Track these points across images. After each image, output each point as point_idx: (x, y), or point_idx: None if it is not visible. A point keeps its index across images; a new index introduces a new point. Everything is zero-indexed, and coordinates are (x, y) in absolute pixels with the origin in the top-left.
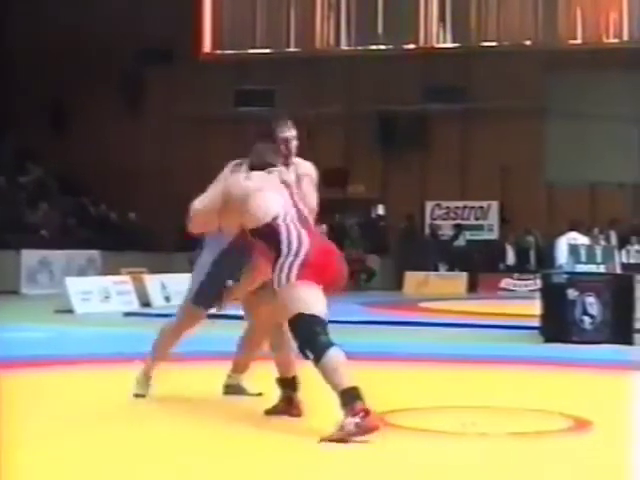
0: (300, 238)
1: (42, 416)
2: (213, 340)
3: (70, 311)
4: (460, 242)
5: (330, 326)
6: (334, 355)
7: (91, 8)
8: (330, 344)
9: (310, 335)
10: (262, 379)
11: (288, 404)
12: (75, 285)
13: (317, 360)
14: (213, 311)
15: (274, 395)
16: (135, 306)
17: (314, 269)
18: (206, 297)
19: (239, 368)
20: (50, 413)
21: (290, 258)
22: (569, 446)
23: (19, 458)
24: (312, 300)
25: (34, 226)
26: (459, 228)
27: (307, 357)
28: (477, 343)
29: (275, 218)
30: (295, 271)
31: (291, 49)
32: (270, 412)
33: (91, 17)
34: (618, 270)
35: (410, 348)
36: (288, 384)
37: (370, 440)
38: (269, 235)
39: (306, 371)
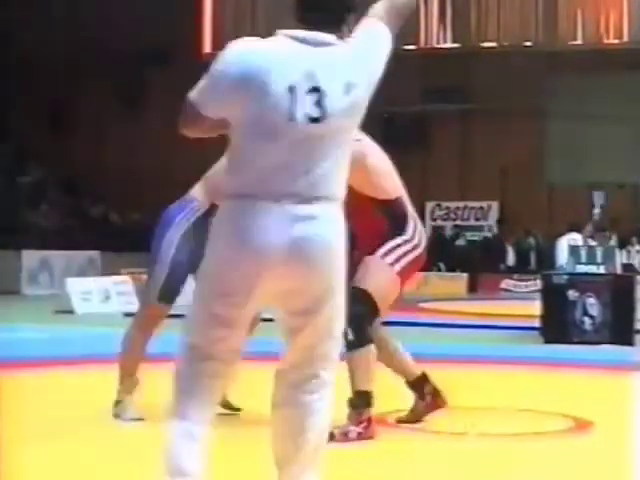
0: (421, 232)
1: (42, 417)
2: None
3: (70, 311)
4: (461, 243)
5: None
6: (370, 353)
7: (91, 9)
8: (371, 340)
9: (364, 319)
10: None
11: (434, 397)
12: (75, 285)
13: (355, 347)
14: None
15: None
16: (135, 306)
17: (412, 271)
18: (174, 291)
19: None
20: (50, 414)
21: (408, 246)
22: (569, 447)
23: (19, 458)
24: (387, 297)
25: (34, 227)
26: (459, 229)
27: (346, 337)
28: (477, 344)
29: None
30: (404, 263)
31: None
32: (415, 417)
33: (92, 18)
34: (619, 271)
35: (410, 348)
36: (422, 381)
37: (371, 440)
38: (396, 212)
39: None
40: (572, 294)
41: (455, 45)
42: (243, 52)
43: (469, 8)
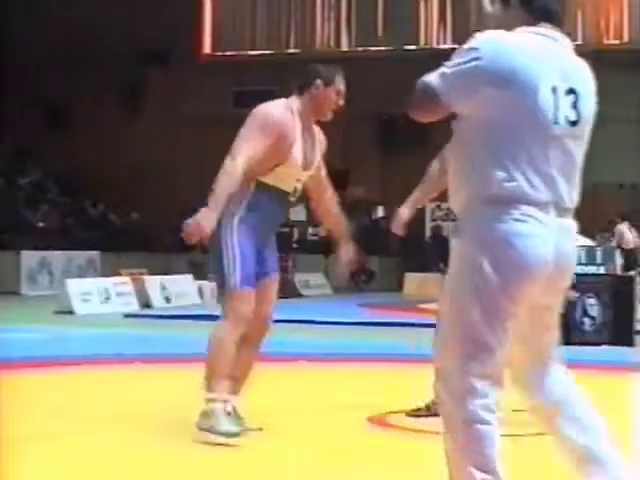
0: None
1: (41, 417)
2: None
3: (70, 312)
4: None
5: (330, 327)
6: None
7: (91, 9)
8: None
9: None
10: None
11: None
12: (75, 286)
13: None
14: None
15: None
16: (135, 307)
17: None
18: (252, 274)
19: None
20: (49, 414)
21: None
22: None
23: (19, 458)
24: None
25: (34, 227)
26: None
27: None
28: None
29: None
30: None
31: (291, 50)
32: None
33: (91, 18)
34: (618, 271)
35: (410, 349)
36: None
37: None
38: None
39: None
40: (572, 295)
41: (455, 46)
42: (504, 47)
43: (469, 9)
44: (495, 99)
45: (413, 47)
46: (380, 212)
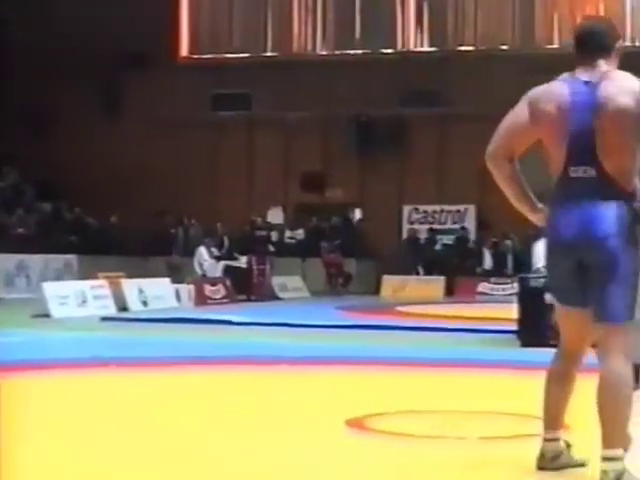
0: None
1: (17, 421)
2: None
3: (47, 315)
4: (438, 246)
5: (307, 330)
6: None
7: (69, 12)
8: None
9: None
10: None
11: None
12: (52, 289)
13: None
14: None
15: None
16: (112, 310)
17: None
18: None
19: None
20: (25, 418)
21: None
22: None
23: None
24: None
25: (11, 230)
26: (436, 232)
27: None
28: (454, 347)
29: None
30: None
31: (268, 53)
32: None
33: (69, 21)
34: None
35: (387, 352)
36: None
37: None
38: None
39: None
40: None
41: (432, 49)
42: None
43: (446, 12)
44: None
45: (390, 50)
46: (357, 214)
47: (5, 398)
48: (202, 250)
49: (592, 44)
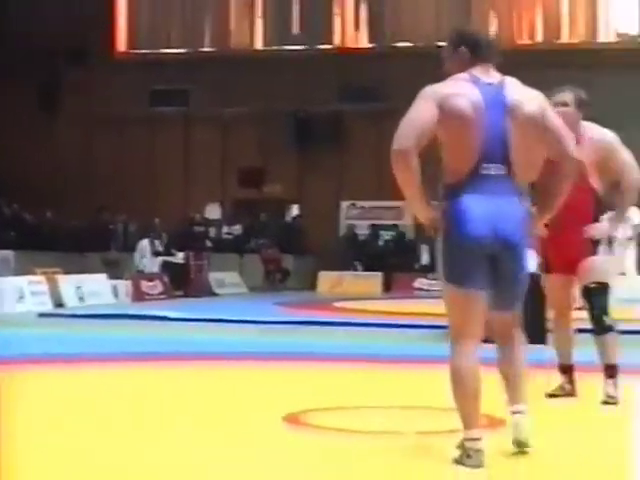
0: None
1: None
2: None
3: None
4: (377, 242)
5: (244, 326)
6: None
7: (5, 9)
8: None
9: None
10: None
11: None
12: None
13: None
14: None
15: None
16: (49, 306)
17: None
18: None
19: None
20: None
21: None
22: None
23: None
24: None
25: None
26: (374, 228)
27: (605, 324)
28: (391, 343)
29: None
30: None
31: (206, 49)
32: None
33: (5, 18)
34: (533, 270)
35: (324, 348)
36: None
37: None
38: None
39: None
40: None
41: (370, 45)
42: None
43: (383, 9)
44: None
45: (328, 46)
46: (295, 210)
47: None
48: (145, 244)
49: (491, 51)
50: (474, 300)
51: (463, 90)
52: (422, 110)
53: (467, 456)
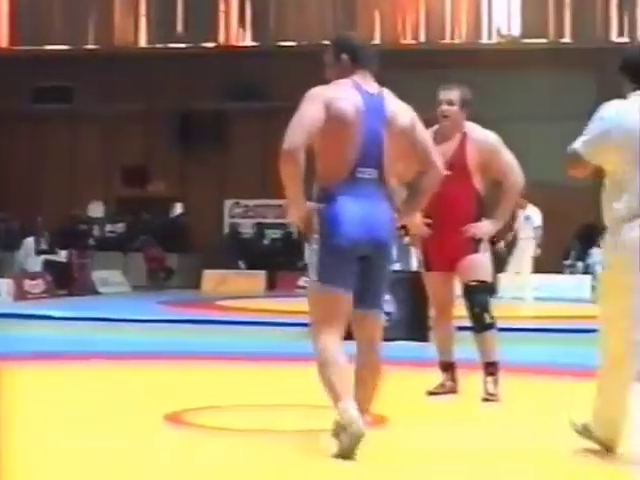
0: None
1: None
2: None
3: None
4: (262, 241)
5: (128, 324)
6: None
7: None
8: None
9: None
10: None
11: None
12: None
13: (492, 327)
14: None
15: None
16: None
17: None
18: None
19: None
20: None
21: None
22: (364, 442)
23: None
24: None
25: None
26: (259, 226)
27: (485, 322)
28: (274, 341)
29: None
30: None
31: (90, 46)
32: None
33: None
34: (414, 268)
35: (207, 346)
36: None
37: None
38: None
39: None
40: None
41: (255, 44)
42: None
43: (268, 7)
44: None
45: (213, 45)
46: (179, 209)
47: None
48: (30, 242)
49: (370, 58)
50: (341, 301)
51: (347, 95)
52: (311, 111)
53: (344, 427)
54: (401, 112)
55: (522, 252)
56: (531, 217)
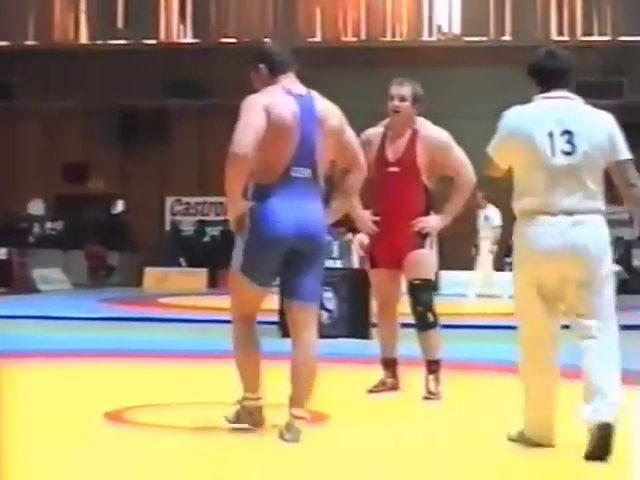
0: None
1: None
2: None
3: None
4: (203, 238)
5: (68, 322)
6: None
7: None
8: None
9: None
10: None
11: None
12: None
13: (435, 325)
14: None
15: None
16: None
17: None
18: None
19: None
20: None
21: None
22: (304, 439)
23: None
24: None
25: None
26: (200, 224)
27: (429, 320)
28: (216, 339)
29: None
30: None
31: (30, 42)
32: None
33: None
34: (355, 265)
35: (148, 344)
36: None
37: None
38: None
39: None
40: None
41: (195, 40)
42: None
43: (209, 4)
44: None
45: (153, 41)
46: (120, 206)
47: None
48: None
49: (287, 63)
50: (260, 295)
51: (283, 100)
52: (255, 116)
53: (249, 414)
54: (330, 113)
55: (484, 250)
56: (489, 217)
